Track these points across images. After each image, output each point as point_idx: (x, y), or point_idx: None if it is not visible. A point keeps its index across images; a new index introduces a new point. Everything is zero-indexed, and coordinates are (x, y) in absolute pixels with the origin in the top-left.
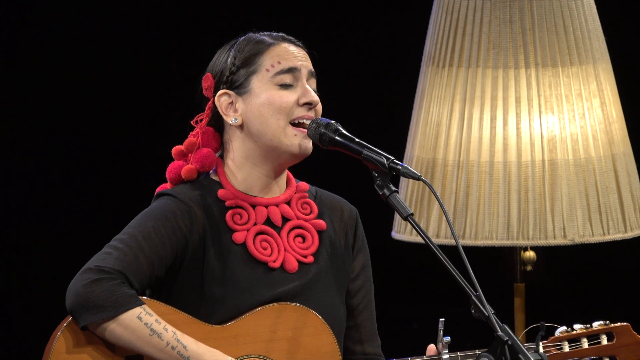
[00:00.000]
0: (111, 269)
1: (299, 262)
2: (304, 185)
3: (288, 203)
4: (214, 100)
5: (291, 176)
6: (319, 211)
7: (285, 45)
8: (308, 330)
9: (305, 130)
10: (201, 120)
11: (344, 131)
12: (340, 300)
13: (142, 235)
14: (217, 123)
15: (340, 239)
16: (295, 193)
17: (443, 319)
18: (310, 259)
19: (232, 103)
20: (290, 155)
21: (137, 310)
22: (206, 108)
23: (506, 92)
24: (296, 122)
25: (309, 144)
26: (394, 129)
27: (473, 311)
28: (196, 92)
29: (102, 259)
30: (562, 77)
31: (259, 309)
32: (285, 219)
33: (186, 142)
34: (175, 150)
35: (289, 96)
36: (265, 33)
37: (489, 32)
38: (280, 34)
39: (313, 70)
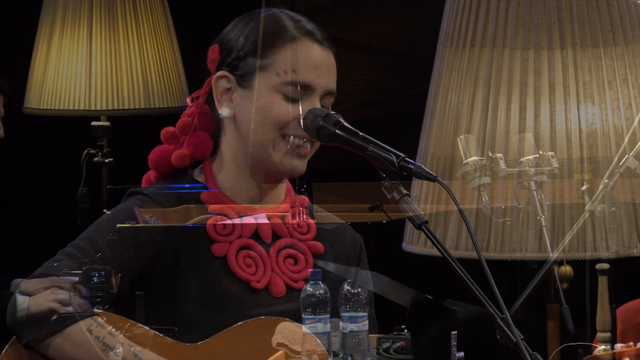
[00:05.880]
0: None
1: (288, 285)
2: (305, 199)
3: (282, 218)
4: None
5: (290, 187)
6: (317, 233)
7: (309, 43)
8: None
9: (302, 150)
10: (198, 98)
11: (345, 123)
12: None
13: (103, 241)
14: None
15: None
16: (292, 207)
17: (455, 332)
18: (301, 284)
19: (229, 90)
20: (277, 173)
21: (87, 322)
22: (205, 83)
23: (538, 77)
24: (290, 140)
25: (302, 166)
26: (404, 121)
27: (499, 336)
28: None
29: (51, 268)
30: (605, 59)
31: (240, 323)
32: (276, 236)
33: (179, 122)
34: (165, 132)
35: (291, 111)
36: (292, 15)
37: (518, 6)
38: (309, 25)
39: (333, 89)
